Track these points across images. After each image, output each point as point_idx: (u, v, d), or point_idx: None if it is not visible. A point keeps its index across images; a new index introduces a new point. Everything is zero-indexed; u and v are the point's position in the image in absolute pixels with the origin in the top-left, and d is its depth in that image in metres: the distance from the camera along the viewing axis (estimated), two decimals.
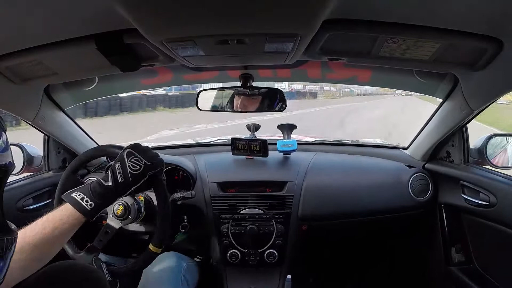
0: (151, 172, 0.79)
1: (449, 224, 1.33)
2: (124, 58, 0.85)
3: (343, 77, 1.32)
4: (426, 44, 0.75)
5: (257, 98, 1.25)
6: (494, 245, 1.14)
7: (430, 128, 1.29)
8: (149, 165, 0.78)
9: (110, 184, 0.75)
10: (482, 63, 0.78)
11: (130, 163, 0.76)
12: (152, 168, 0.79)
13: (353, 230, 1.48)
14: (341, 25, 0.70)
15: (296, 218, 1.28)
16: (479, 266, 1.22)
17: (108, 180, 0.75)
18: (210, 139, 1.75)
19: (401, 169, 1.39)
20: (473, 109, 1.00)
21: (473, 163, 1.23)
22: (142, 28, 0.66)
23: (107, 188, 0.75)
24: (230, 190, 1.30)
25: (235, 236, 1.26)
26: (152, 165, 0.79)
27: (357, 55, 0.86)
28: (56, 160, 1.34)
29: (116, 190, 0.75)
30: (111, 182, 0.75)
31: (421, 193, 1.33)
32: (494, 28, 0.67)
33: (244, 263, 1.26)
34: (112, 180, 0.75)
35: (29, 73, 0.91)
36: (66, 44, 0.76)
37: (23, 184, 1.21)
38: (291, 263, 1.31)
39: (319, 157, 1.44)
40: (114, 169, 0.76)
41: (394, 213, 1.33)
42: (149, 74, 1.28)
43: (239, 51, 0.84)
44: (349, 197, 1.32)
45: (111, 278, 0.81)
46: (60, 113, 1.23)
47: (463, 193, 1.19)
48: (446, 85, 1.09)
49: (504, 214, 1.03)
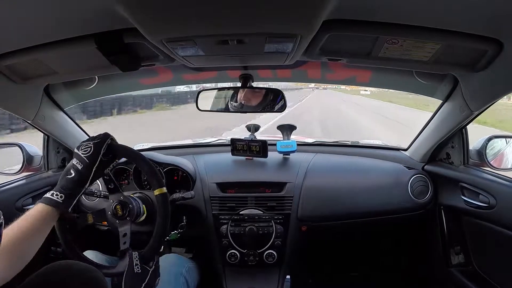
0: (102, 145, 0.85)
1: (449, 225, 1.33)
2: (124, 57, 0.85)
3: (342, 78, 1.32)
4: (426, 45, 0.75)
5: (260, 91, 1.25)
6: (493, 247, 1.14)
7: (430, 130, 1.29)
8: (96, 142, 0.85)
9: (73, 174, 0.82)
10: (482, 64, 0.78)
11: (81, 151, 0.84)
12: (101, 143, 0.85)
13: (352, 231, 1.48)
14: (341, 26, 0.70)
15: (296, 219, 1.28)
16: (479, 268, 1.22)
17: (71, 173, 0.82)
18: (209, 140, 1.75)
19: (401, 170, 1.38)
20: (472, 111, 1.00)
21: (473, 164, 1.23)
22: (142, 28, 0.66)
23: (71, 177, 0.82)
24: (229, 191, 1.30)
25: (234, 237, 1.26)
26: (99, 140, 0.86)
27: (357, 56, 0.86)
28: (56, 159, 1.34)
29: (80, 176, 0.82)
30: (73, 173, 0.82)
31: (420, 194, 1.33)
32: (494, 29, 0.67)
33: (243, 264, 1.26)
34: (73, 170, 0.82)
35: (29, 72, 0.91)
36: (66, 43, 0.76)
37: (23, 184, 1.21)
38: (290, 263, 1.31)
39: (318, 158, 1.44)
40: (72, 163, 0.84)
41: (393, 215, 1.33)
42: (149, 74, 1.28)
43: (239, 51, 0.84)
44: (349, 198, 1.32)
45: (140, 269, 0.83)
46: (60, 112, 1.23)
47: (463, 194, 1.19)
48: (446, 86, 1.09)
49: (503, 216, 1.03)
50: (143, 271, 0.83)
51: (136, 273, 0.82)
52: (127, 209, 0.92)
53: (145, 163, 0.90)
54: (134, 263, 0.83)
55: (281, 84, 3.99)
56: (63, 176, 0.82)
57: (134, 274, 0.82)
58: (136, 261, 0.83)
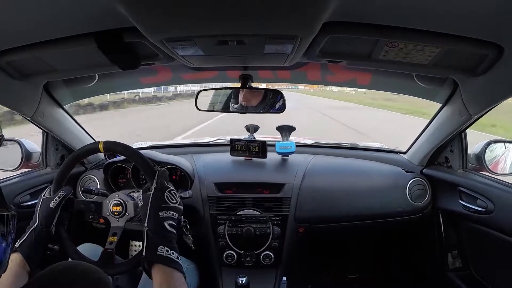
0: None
1: (446, 229, 1.33)
2: (124, 56, 0.85)
3: (342, 80, 1.32)
4: (426, 49, 0.75)
5: (260, 92, 1.25)
6: (491, 252, 1.14)
7: (429, 133, 1.29)
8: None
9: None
10: (482, 68, 0.78)
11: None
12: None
13: (350, 233, 1.48)
14: (341, 28, 0.70)
15: (293, 221, 1.28)
16: (476, 273, 1.22)
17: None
18: (209, 139, 1.74)
19: (399, 173, 1.38)
20: (472, 115, 1.00)
21: (472, 169, 1.23)
22: (142, 27, 0.66)
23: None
24: (227, 191, 1.30)
25: (232, 237, 1.26)
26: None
27: (357, 58, 0.86)
28: (54, 156, 1.34)
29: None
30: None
31: (418, 198, 1.33)
32: (494, 33, 0.66)
33: (240, 264, 1.26)
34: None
35: (29, 69, 0.91)
36: (66, 41, 0.76)
37: (21, 180, 1.21)
38: (287, 265, 1.31)
39: (317, 160, 1.44)
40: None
41: (391, 218, 1.33)
42: (148, 73, 1.28)
43: (239, 52, 0.84)
44: (347, 200, 1.32)
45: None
46: (59, 109, 1.23)
47: (461, 199, 1.18)
48: (445, 90, 1.08)
49: (501, 221, 1.02)
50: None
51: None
52: (125, 207, 0.92)
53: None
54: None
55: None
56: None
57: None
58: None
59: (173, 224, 0.76)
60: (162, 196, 0.78)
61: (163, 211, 0.76)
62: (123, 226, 0.92)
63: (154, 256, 0.70)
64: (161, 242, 0.72)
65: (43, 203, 0.85)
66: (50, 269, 0.67)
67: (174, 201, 0.79)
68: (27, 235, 0.80)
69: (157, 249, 0.70)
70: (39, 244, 0.80)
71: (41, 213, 0.83)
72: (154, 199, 0.77)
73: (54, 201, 0.85)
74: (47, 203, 0.85)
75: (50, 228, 0.83)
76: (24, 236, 0.80)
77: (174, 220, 0.77)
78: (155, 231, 0.73)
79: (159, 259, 0.70)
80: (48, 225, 0.83)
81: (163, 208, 0.76)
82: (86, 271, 0.70)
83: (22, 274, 0.75)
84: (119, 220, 0.92)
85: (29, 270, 0.76)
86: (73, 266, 0.72)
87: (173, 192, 0.80)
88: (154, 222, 0.74)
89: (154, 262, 0.70)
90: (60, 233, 0.87)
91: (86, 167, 1.41)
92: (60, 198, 0.86)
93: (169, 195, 0.79)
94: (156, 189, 0.79)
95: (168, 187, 0.80)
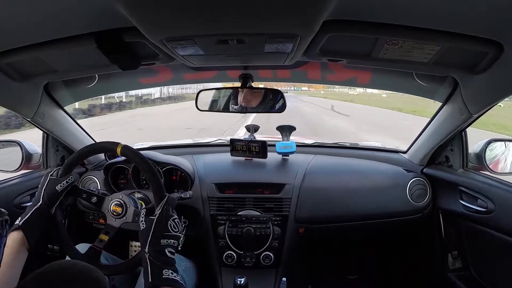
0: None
1: (447, 230, 1.32)
2: (124, 56, 0.85)
3: (342, 79, 1.32)
4: (426, 47, 0.75)
5: (260, 92, 1.25)
6: (491, 252, 1.13)
7: (429, 132, 1.29)
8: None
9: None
10: (482, 66, 0.78)
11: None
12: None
13: (350, 233, 1.47)
14: (341, 26, 0.70)
15: (293, 221, 1.28)
16: (476, 273, 1.22)
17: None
18: (209, 140, 1.74)
19: (400, 173, 1.38)
20: (472, 113, 1.00)
21: (472, 168, 1.22)
22: (142, 27, 0.66)
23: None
24: (227, 191, 1.30)
25: (232, 238, 1.26)
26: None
27: (357, 57, 0.86)
28: (55, 157, 1.34)
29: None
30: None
31: (419, 198, 1.32)
32: (494, 31, 0.66)
33: (240, 265, 1.25)
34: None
35: (29, 70, 0.91)
36: (66, 41, 0.76)
37: (21, 181, 1.21)
38: (287, 265, 1.30)
39: (317, 160, 1.44)
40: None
41: (391, 218, 1.32)
42: (149, 73, 1.28)
43: (239, 51, 0.84)
44: (347, 200, 1.31)
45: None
46: (59, 110, 1.23)
47: (461, 198, 1.18)
48: (446, 88, 1.08)
49: (501, 221, 1.02)
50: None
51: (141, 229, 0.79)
52: (125, 210, 0.92)
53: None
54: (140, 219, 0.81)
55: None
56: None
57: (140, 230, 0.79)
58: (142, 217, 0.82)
59: (173, 251, 0.78)
60: (165, 223, 0.79)
61: (164, 239, 0.77)
62: (117, 227, 0.92)
63: (160, 280, 0.72)
64: (164, 266, 0.74)
65: (50, 183, 0.86)
66: (47, 267, 0.67)
67: (176, 230, 0.80)
68: (30, 213, 0.81)
69: (163, 273, 0.73)
70: (40, 222, 0.82)
71: (46, 193, 0.85)
72: (157, 225, 0.78)
73: (62, 184, 0.87)
74: (54, 184, 0.86)
75: (51, 209, 0.85)
76: (27, 214, 0.81)
77: (174, 248, 0.79)
78: (156, 257, 0.75)
79: (166, 282, 0.73)
80: (50, 206, 0.84)
81: (165, 236, 0.77)
82: (84, 271, 0.70)
83: (22, 250, 0.77)
84: (115, 220, 0.93)
85: (28, 246, 0.78)
86: (72, 265, 0.72)
87: (177, 221, 0.81)
88: (155, 248, 0.76)
89: (161, 285, 0.72)
90: (57, 218, 0.88)
91: (87, 168, 1.41)
92: (68, 183, 0.88)
93: (173, 223, 0.80)
94: (160, 214, 0.80)
95: (173, 215, 0.81)
